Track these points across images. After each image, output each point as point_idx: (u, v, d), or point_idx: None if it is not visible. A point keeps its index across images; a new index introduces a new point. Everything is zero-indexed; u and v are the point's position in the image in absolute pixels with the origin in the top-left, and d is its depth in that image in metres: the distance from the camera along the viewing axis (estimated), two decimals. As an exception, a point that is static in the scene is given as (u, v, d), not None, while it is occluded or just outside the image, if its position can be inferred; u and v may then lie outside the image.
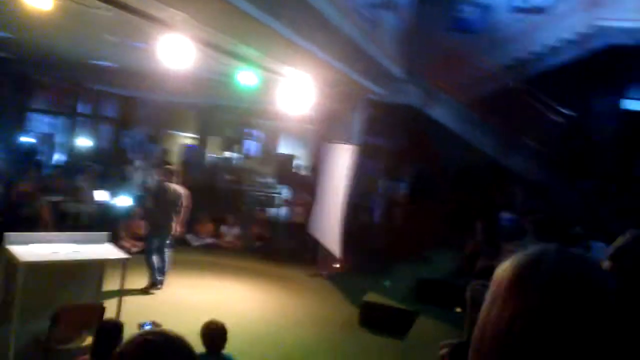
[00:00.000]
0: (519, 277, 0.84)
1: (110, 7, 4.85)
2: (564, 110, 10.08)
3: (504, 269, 0.87)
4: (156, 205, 7.48)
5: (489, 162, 10.42)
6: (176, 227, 7.42)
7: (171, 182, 7.47)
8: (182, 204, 7.41)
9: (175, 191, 7.41)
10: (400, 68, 9.21)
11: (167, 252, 7.43)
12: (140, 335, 1.32)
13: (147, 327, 4.95)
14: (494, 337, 0.83)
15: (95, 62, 10.92)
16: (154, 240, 7.35)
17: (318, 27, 5.86)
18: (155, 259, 7.29)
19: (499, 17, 11.63)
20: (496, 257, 6.40)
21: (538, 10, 11.17)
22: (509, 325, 0.80)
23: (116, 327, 3.44)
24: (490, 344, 0.83)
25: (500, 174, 10.25)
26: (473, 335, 0.89)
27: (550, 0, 11.21)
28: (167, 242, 7.43)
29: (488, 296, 0.87)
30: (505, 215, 8.39)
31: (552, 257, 0.84)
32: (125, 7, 4.89)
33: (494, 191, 9.83)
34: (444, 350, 2.51)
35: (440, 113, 9.81)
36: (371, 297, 6.82)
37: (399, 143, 11.47)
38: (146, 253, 7.31)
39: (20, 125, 13.54)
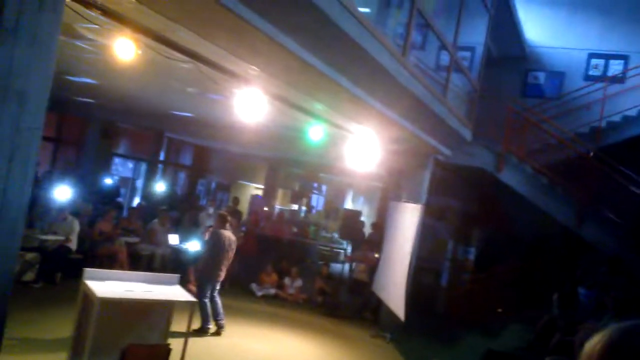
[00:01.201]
0: (613, 351, 0.84)
1: (188, 59, 5.21)
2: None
3: (595, 343, 0.87)
4: (209, 251, 7.62)
5: (563, 231, 10.03)
6: (223, 274, 7.54)
7: (225, 229, 7.63)
8: (230, 250, 7.55)
9: (228, 238, 7.56)
10: (470, 130, 9.20)
11: (217, 298, 7.51)
12: None
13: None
14: None
15: (174, 112, 11.63)
16: (207, 286, 7.45)
17: (386, 85, 6.00)
18: (208, 304, 7.40)
19: (573, 85, 11.49)
20: (573, 332, 6.05)
21: (615, 80, 10.95)
22: None
23: None
24: None
25: (575, 245, 9.81)
26: None
27: (627, 71, 11.02)
28: (218, 288, 7.55)
29: None
30: (582, 289, 7.96)
31: None
32: (202, 60, 5.23)
33: (570, 263, 9.38)
34: None
35: (511, 178, 9.62)
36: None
37: (468, 206, 11.29)
38: (199, 298, 7.30)
39: (104, 168, 14.45)
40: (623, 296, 5.91)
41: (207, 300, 7.39)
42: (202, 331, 7.30)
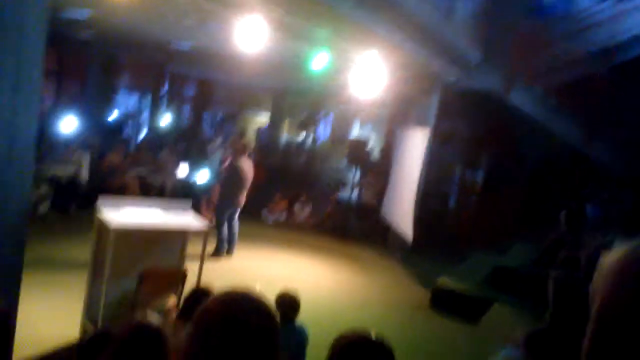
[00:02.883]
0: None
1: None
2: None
3: (618, 257, 0.88)
4: (227, 180, 7.88)
5: (571, 151, 10.00)
6: (241, 202, 7.84)
7: (241, 158, 7.82)
8: (248, 180, 7.80)
9: (243, 167, 7.77)
10: (477, 52, 8.98)
11: (236, 224, 7.84)
12: (224, 293, 1.43)
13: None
14: (620, 320, 0.84)
15: (176, 44, 11.41)
16: (224, 212, 7.75)
17: (390, 8, 5.83)
18: (224, 229, 7.73)
19: (584, 3, 11.04)
20: (580, 248, 6.17)
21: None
22: (632, 311, 0.81)
23: (206, 293, 3.63)
24: (616, 328, 0.84)
25: (584, 164, 9.82)
26: (591, 322, 0.89)
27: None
28: (237, 214, 7.85)
29: (605, 283, 0.87)
30: (590, 206, 8.05)
31: None
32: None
33: (577, 181, 9.44)
34: (520, 336, 2.51)
35: (519, 99, 9.49)
36: (444, 281, 6.77)
37: (476, 129, 11.23)
38: (216, 224, 7.74)
39: (108, 103, 14.39)
40: (629, 210, 5.96)
41: (224, 226, 7.70)
42: (216, 254, 7.63)
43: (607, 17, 10.40)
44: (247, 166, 7.84)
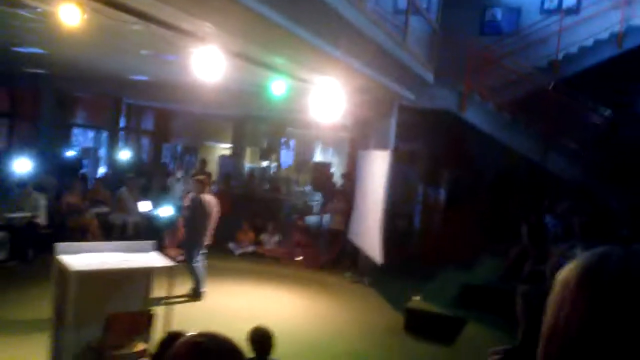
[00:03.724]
0: (587, 276, 0.83)
1: (138, 20, 4.99)
2: (602, 111, 9.88)
3: (571, 269, 0.86)
4: (193, 218, 7.65)
5: (528, 165, 10.27)
6: (209, 237, 7.63)
7: (203, 193, 7.63)
8: (214, 214, 7.60)
9: (207, 201, 7.58)
10: (432, 73, 9.21)
11: (203, 262, 7.60)
12: (191, 338, 1.38)
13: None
14: (564, 340, 0.82)
15: (131, 76, 11.28)
16: (195, 250, 7.52)
17: (346, 34, 5.91)
18: (201, 268, 7.49)
19: (529, 19, 11.54)
20: (544, 260, 6.29)
21: (570, 11, 11.03)
22: (580, 327, 0.80)
23: (178, 336, 3.51)
24: (560, 347, 0.83)
25: (540, 177, 10.09)
26: (541, 339, 0.87)
27: (581, 1, 11.10)
28: (203, 251, 7.62)
29: (554, 299, 0.86)
30: (550, 218, 8.24)
31: (619, 254, 0.83)
32: (154, 20, 5.01)
33: (535, 194, 9.68)
34: (495, 357, 2.50)
35: (475, 117, 9.74)
36: (415, 302, 6.78)
37: (435, 148, 11.44)
38: (190, 263, 7.45)
39: (64, 140, 14.04)
40: (588, 221, 6.12)
41: (199, 265, 7.43)
42: (196, 295, 7.38)
43: (553, 33, 10.85)
44: (211, 200, 7.65)
